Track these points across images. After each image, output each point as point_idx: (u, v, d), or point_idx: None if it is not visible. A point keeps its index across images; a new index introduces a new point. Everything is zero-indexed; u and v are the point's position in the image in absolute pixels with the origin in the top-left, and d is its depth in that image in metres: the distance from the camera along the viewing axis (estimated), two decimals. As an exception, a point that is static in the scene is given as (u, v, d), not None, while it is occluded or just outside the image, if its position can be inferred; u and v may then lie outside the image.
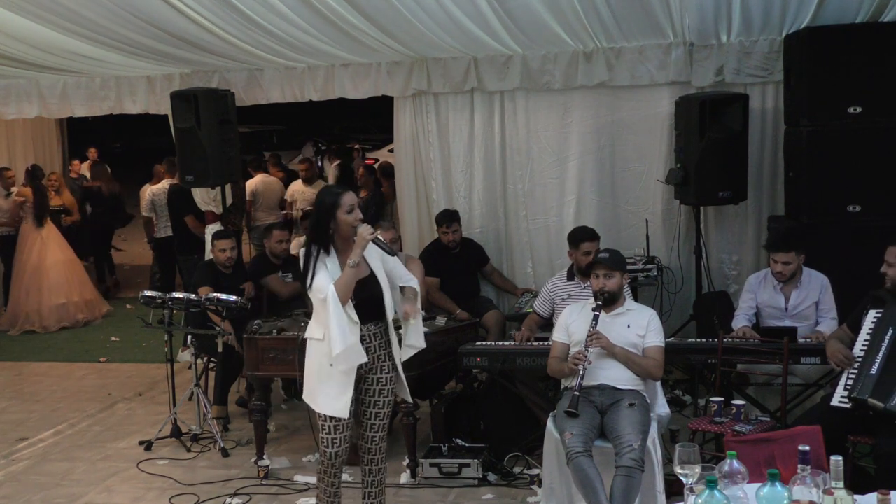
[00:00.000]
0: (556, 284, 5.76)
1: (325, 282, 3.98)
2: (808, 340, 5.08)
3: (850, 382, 4.25)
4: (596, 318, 4.53)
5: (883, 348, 4.18)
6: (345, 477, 5.14)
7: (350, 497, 4.74)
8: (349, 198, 4.05)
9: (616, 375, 4.51)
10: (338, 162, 14.82)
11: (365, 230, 3.97)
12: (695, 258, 6.51)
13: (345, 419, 4.09)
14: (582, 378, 4.40)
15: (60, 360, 8.28)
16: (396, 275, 4.25)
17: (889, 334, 4.19)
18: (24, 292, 9.28)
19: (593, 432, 4.33)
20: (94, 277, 10.59)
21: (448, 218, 6.72)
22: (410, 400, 4.60)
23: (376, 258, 4.16)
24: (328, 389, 4.07)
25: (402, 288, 4.28)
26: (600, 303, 4.60)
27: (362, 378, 4.19)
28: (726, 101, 6.19)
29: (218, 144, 7.10)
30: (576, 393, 4.34)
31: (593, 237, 5.68)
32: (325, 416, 4.11)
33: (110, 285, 10.98)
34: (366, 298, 4.07)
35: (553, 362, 4.72)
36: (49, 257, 9.32)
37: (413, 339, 4.25)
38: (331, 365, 4.03)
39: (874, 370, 4.15)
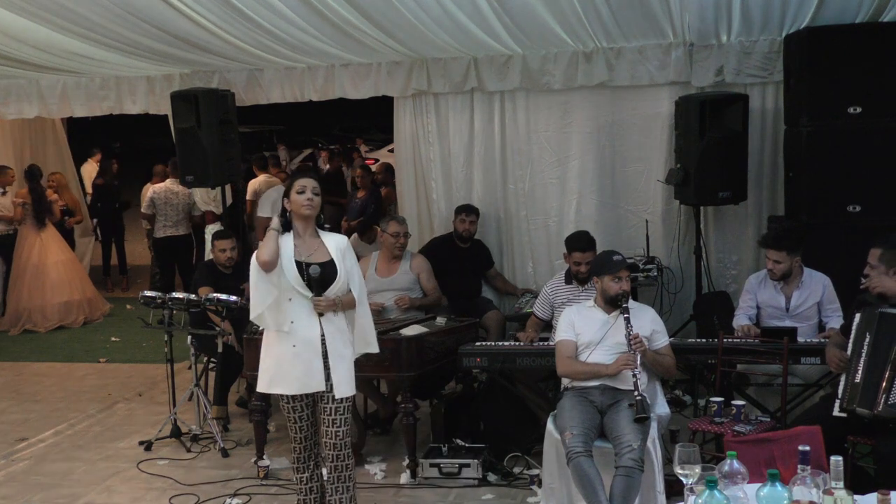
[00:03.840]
0: (554, 287, 5.76)
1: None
2: (813, 340, 5.08)
3: (840, 392, 4.25)
4: (627, 320, 4.50)
5: (863, 354, 4.16)
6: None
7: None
8: (301, 181, 4.22)
9: (616, 376, 4.50)
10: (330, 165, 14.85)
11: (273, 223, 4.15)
12: (695, 258, 6.51)
13: (300, 401, 4.21)
14: (637, 381, 4.33)
15: (60, 360, 8.28)
16: (350, 276, 4.25)
17: (867, 340, 4.18)
18: (26, 292, 9.29)
19: (593, 432, 4.33)
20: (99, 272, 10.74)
21: (468, 209, 6.78)
22: (347, 393, 4.23)
23: (336, 249, 4.23)
24: (297, 369, 4.13)
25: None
26: (626, 304, 4.57)
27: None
28: (726, 101, 6.19)
29: (218, 145, 7.10)
30: (638, 397, 4.29)
31: (585, 248, 5.57)
32: (285, 402, 4.23)
33: (118, 283, 11.14)
34: (317, 280, 4.12)
35: (567, 362, 4.65)
36: (50, 257, 9.35)
37: (357, 340, 4.32)
38: (293, 346, 4.12)
39: (858, 378, 4.15)
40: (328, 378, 4.15)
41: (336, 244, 4.27)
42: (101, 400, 7.06)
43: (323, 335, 4.14)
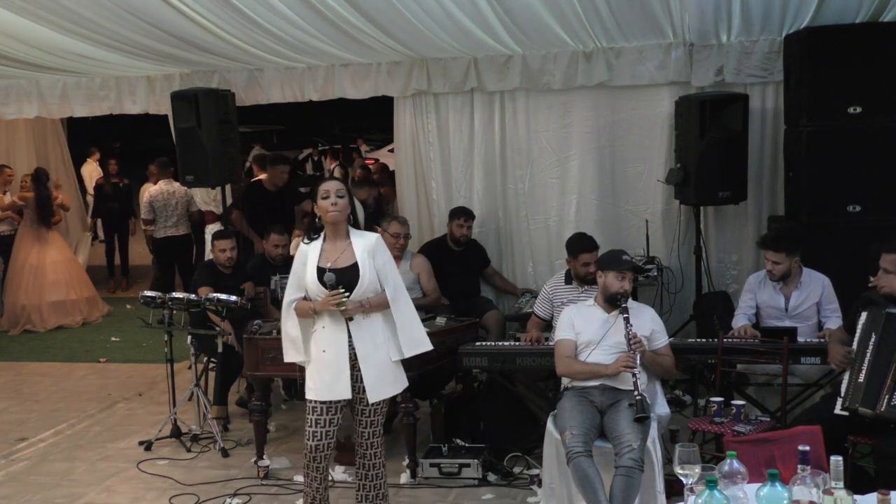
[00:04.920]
0: (554, 287, 5.76)
1: (294, 288, 4.24)
2: (812, 340, 5.08)
3: (842, 390, 4.26)
4: (627, 320, 4.49)
5: (868, 354, 4.18)
6: (345, 476, 5.17)
7: (349, 497, 4.73)
8: (325, 185, 4.22)
9: (616, 376, 4.50)
10: (336, 164, 14.92)
11: (327, 300, 4.10)
12: (695, 258, 6.51)
13: (334, 405, 4.17)
14: (637, 381, 4.33)
15: (60, 360, 8.28)
16: (382, 275, 4.21)
17: (873, 340, 4.19)
18: (24, 291, 9.29)
19: (593, 432, 4.33)
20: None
21: (465, 213, 6.77)
22: (382, 396, 4.28)
23: (364, 250, 4.18)
24: (326, 375, 4.14)
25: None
26: (626, 304, 4.56)
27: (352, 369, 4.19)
28: (726, 101, 6.19)
29: (218, 144, 7.10)
30: (638, 397, 4.28)
31: (591, 248, 5.60)
32: (308, 406, 4.19)
33: (120, 284, 11.10)
34: (333, 286, 4.11)
35: (566, 361, 4.64)
36: (48, 257, 9.34)
37: (403, 340, 4.24)
38: (323, 351, 4.14)
39: (862, 377, 4.16)
40: (358, 382, 4.15)
41: (364, 245, 4.19)
42: (101, 400, 7.06)
43: (351, 339, 4.14)
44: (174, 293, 6.09)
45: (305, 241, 4.27)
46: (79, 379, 7.70)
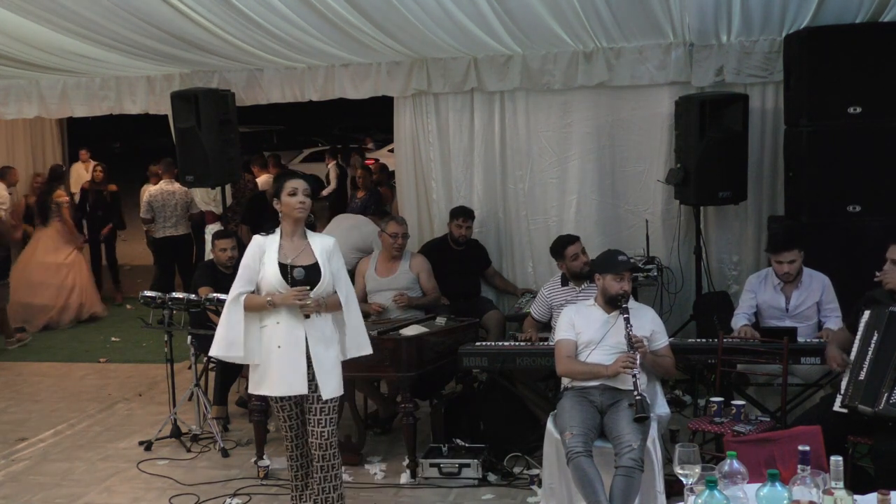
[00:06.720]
0: (551, 290, 5.77)
1: (245, 281, 4.23)
2: (812, 340, 5.09)
3: (842, 388, 4.26)
4: (627, 320, 4.49)
5: (869, 353, 4.19)
6: (346, 477, 5.16)
7: (350, 497, 4.73)
8: (293, 182, 4.21)
9: (616, 376, 4.50)
10: (334, 162, 14.92)
11: (292, 295, 4.09)
12: (695, 258, 6.51)
13: (288, 400, 4.23)
14: (637, 382, 4.32)
15: (60, 360, 8.28)
16: (335, 278, 4.22)
17: (875, 338, 4.20)
18: (20, 290, 9.24)
19: (593, 432, 4.33)
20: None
21: (464, 213, 6.77)
22: (334, 393, 4.21)
23: (322, 251, 4.20)
24: (281, 370, 4.15)
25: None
26: (626, 305, 4.55)
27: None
28: (726, 101, 6.19)
29: (218, 144, 7.10)
30: (637, 397, 4.28)
31: (572, 240, 5.66)
32: (274, 401, 4.27)
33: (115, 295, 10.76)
34: (301, 283, 4.13)
35: (566, 361, 4.65)
36: (36, 257, 9.29)
37: (350, 343, 4.26)
38: (279, 347, 4.14)
39: (863, 375, 4.16)
40: (312, 379, 4.15)
41: (322, 246, 4.23)
42: (101, 400, 7.06)
43: (307, 337, 4.15)
44: (174, 293, 6.10)
45: (262, 233, 4.27)
46: (79, 379, 7.71)
